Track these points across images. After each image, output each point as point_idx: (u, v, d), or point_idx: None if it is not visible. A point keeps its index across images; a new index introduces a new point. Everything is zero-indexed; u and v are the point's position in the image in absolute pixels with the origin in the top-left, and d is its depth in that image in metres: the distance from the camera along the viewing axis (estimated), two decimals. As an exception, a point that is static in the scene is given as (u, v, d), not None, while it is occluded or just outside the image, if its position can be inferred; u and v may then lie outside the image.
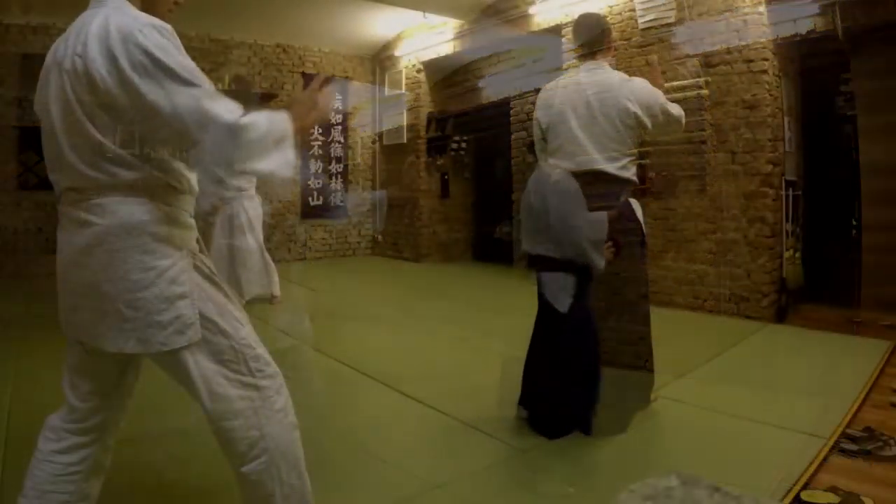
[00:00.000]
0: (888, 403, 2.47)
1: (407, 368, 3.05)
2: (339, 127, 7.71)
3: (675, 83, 4.37)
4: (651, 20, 4.60)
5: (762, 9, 4.01)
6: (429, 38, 6.88)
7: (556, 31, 5.43)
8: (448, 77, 6.18)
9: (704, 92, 4.23)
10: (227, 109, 1.11)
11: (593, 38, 2.27)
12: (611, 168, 2.19)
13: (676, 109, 2.30)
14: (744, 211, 4.12)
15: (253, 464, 1.25)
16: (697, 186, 4.34)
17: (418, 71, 7.26)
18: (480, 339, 3.65)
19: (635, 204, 2.27)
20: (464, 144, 7.43)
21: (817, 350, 3.36)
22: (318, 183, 7.57)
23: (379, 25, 7.08)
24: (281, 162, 1.19)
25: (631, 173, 2.24)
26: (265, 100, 6.58)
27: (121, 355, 1.26)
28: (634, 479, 1.27)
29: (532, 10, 5.59)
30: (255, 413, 1.25)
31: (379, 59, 7.93)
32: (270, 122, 1.18)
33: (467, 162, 7.58)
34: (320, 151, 7.55)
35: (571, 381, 2.17)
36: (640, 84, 2.25)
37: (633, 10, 4.72)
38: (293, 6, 6.25)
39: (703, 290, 4.36)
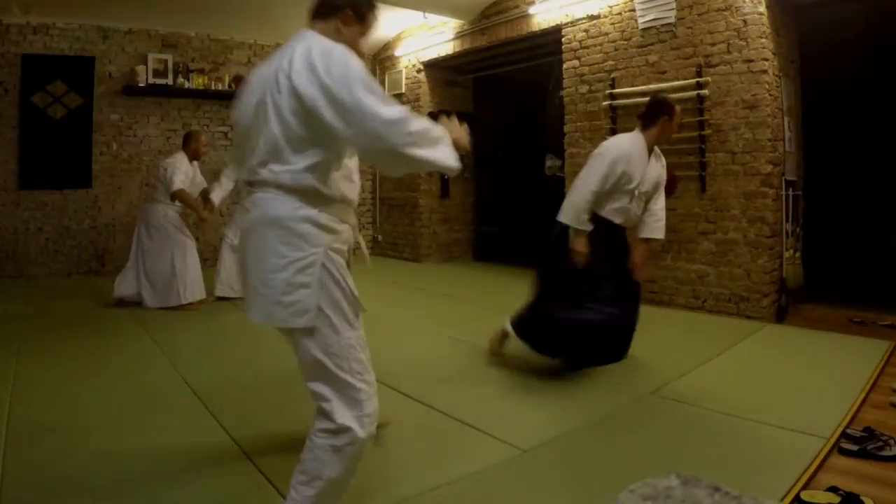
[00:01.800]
0: (888, 403, 2.48)
1: (407, 368, 3.05)
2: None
3: (675, 83, 4.39)
4: (651, 20, 4.60)
5: (762, 8, 4.01)
6: (429, 38, 6.89)
7: (556, 31, 5.43)
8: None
9: (704, 92, 4.24)
10: (397, 109, 1.34)
11: (654, 113, 2.97)
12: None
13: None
14: (744, 211, 4.12)
15: (326, 441, 1.39)
16: (697, 186, 4.35)
17: (418, 71, 7.26)
18: (481, 338, 3.64)
19: None
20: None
21: (817, 350, 3.35)
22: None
23: (379, 25, 7.07)
24: (440, 154, 1.42)
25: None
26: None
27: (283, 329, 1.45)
28: (634, 479, 1.28)
29: (532, 10, 5.59)
30: (346, 405, 1.41)
31: (379, 59, 7.94)
32: (430, 123, 1.44)
33: (467, 162, 7.58)
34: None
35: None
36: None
37: (633, 10, 4.73)
38: (293, 6, 6.22)
39: (703, 290, 4.36)
